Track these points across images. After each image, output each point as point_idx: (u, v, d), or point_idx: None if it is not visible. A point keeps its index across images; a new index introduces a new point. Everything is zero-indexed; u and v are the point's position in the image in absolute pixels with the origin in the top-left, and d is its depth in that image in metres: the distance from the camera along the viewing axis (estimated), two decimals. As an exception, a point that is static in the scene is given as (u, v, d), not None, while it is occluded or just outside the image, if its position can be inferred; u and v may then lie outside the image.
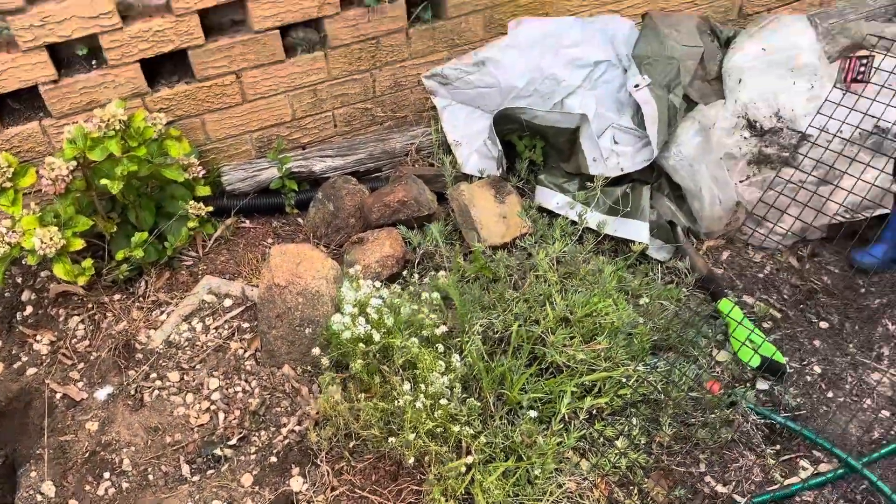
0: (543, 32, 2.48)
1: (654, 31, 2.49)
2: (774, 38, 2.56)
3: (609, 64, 2.50)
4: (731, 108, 2.45)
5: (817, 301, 2.14)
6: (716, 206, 2.30)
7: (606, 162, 2.29)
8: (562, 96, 2.48)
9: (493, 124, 2.30)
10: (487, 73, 2.47)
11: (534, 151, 2.42)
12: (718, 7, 2.94)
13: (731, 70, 2.53)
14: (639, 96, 2.33)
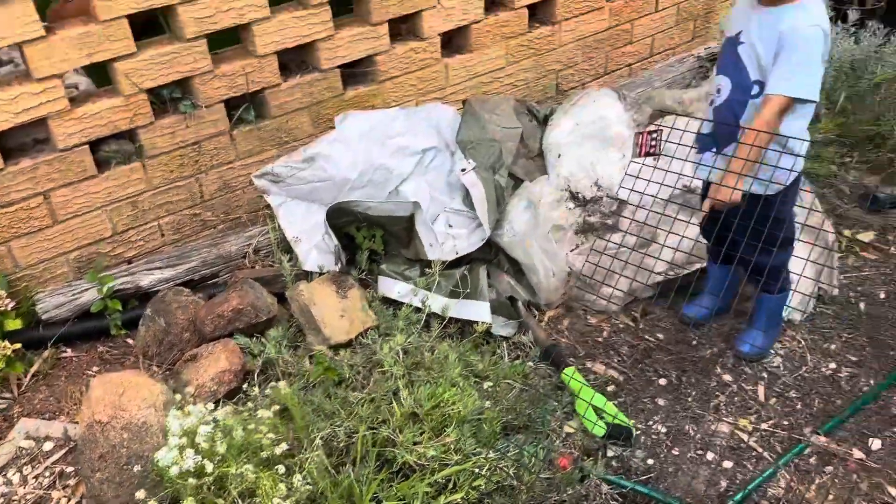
0: (370, 125, 2.51)
1: (474, 117, 2.59)
2: (586, 112, 2.74)
3: (437, 150, 2.57)
4: (555, 181, 2.57)
5: (655, 358, 2.23)
6: (550, 278, 2.37)
7: (443, 246, 2.32)
8: (396, 184, 2.51)
9: (326, 220, 2.28)
10: (319, 167, 2.46)
11: (374, 241, 2.41)
12: (537, 87, 3.12)
13: (551, 146, 2.67)
14: (466, 180, 2.40)
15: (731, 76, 1.86)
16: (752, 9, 1.82)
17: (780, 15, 1.74)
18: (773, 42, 1.74)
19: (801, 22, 1.71)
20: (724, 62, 1.89)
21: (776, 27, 1.73)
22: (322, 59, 2.48)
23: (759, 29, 1.78)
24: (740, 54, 1.82)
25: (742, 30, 1.83)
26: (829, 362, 2.21)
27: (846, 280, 2.49)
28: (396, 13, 2.56)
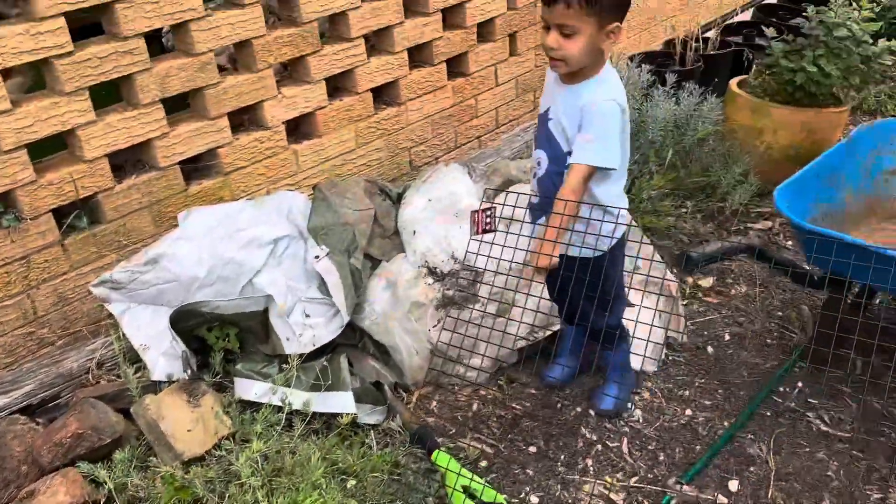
0: (216, 219, 2.45)
1: (325, 202, 2.58)
2: (437, 188, 2.79)
3: (290, 238, 2.52)
4: (412, 259, 2.58)
5: (523, 427, 2.24)
6: (414, 357, 2.36)
7: (300, 338, 2.26)
8: (249, 277, 2.43)
9: (170, 325, 2.17)
10: (163, 269, 2.36)
11: (228, 340, 2.32)
12: (391, 165, 3.16)
13: (406, 224, 2.69)
14: (320, 267, 2.36)
15: (546, 150, 1.97)
16: (556, 86, 1.94)
17: (580, 91, 1.87)
18: (576, 117, 1.86)
19: (598, 97, 1.83)
20: (540, 137, 2.01)
21: (577, 103, 1.85)
22: (159, 157, 2.41)
23: (563, 105, 1.90)
24: (551, 130, 1.94)
25: (550, 106, 1.95)
26: (686, 409, 2.30)
27: (693, 326, 2.62)
28: (235, 106, 2.54)
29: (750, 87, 3.35)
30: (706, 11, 4.72)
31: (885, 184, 2.64)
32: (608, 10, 1.77)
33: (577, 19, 1.75)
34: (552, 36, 1.80)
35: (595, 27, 1.77)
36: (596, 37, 1.78)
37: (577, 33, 1.77)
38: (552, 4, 1.77)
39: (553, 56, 1.82)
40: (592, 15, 1.75)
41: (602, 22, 1.77)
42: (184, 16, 2.30)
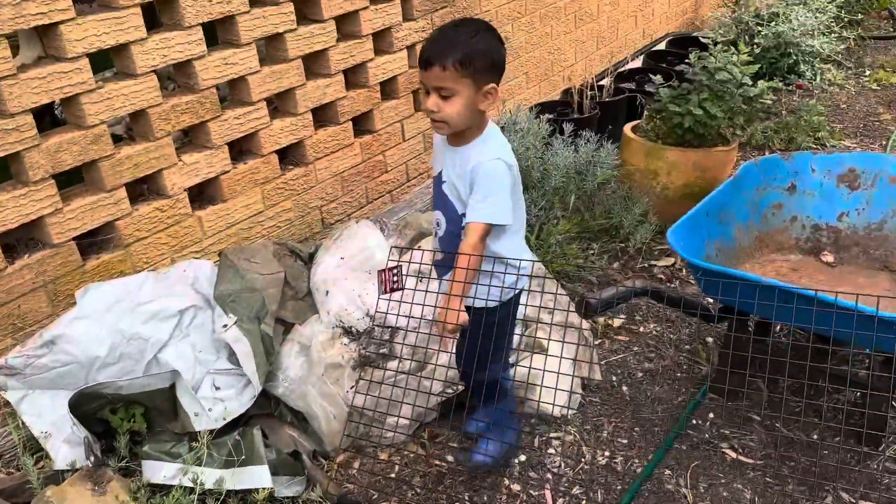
0: (116, 294, 2.36)
1: (231, 268, 2.53)
2: (349, 246, 2.79)
3: (197, 308, 2.46)
4: (326, 319, 2.55)
5: (447, 484, 2.22)
6: (332, 422, 2.31)
7: (210, 413, 2.19)
8: (154, 353, 2.35)
9: (70, 410, 2.06)
10: (62, 350, 2.25)
11: (133, 421, 2.22)
12: (302, 224, 3.13)
13: (318, 284, 2.67)
14: (228, 337, 2.31)
15: (443, 211, 2.03)
16: (445, 149, 2.00)
17: (467, 153, 1.93)
18: (466, 178, 1.91)
19: (484, 157, 1.89)
20: (436, 199, 2.06)
21: (466, 166, 1.91)
22: (52, 234, 2.32)
23: (453, 168, 1.96)
24: (445, 192, 1.99)
25: (442, 169, 2.01)
26: (605, 450, 2.33)
27: (607, 365, 2.68)
28: (133, 176, 2.48)
29: (643, 131, 3.52)
30: (600, 61, 4.95)
31: (773, 217, 2.81)
32: (482, 71, 1.82)
33: (453, 81, 1.80)
34: (431, 99, 1.84)
35: (472, 89, 1.82)
36: (473, 98, 1.84)
37: (454, 95, 1.81)
38: (428, 68, 1.81)
39: (434, 118, 1.87)
40: (468, 77, 1.80)
41: (478, 83, 1.82)
42: (73, 89, 2.25)
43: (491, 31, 1.87)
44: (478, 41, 1.81)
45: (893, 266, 2.69)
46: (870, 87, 5.26)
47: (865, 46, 6.03)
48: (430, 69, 1.81)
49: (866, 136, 4.49)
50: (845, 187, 2.77)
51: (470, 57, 1.79)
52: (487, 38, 1.84)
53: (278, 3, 2.74)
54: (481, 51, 1.81)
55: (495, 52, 1.85)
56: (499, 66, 1.87)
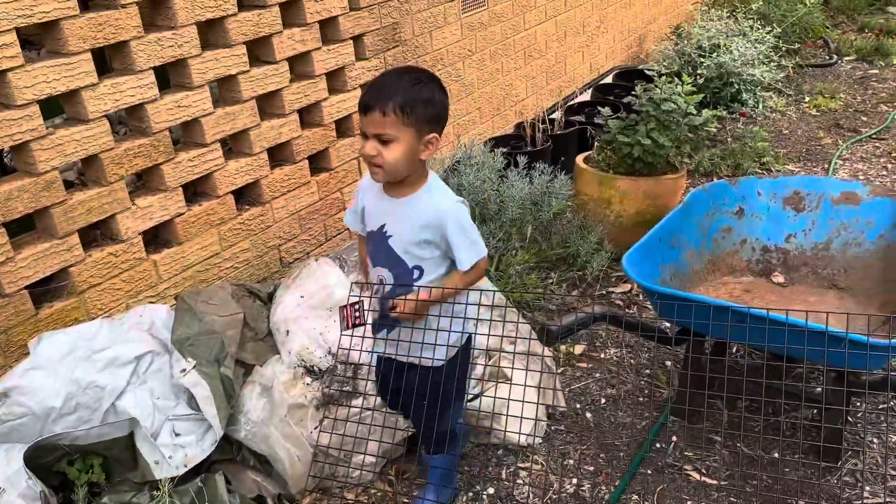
0: (70, 343, 2.31)
1: (189, 311, 2.50)
2: (308, 283, 2.77)
3: (154, 354, 2.41)
4: (287, 360, 2.53)
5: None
6: (296, 464, 2.28)
7: (171, 460, 2.14)
8: (111, 401, 2.29)
9: (25, 464, 2.00)
10: (14, 403, 2.18)
11: (92, 472, 2.16)
12: (260, 264, 3.11)
13: (278, 324, 2.65)
14: (187, 381, 2.27)
15: (388, 268, 1.95)
16: (385, 202, 1.93)
17: (417, 204, 1.88)
18: (423, 229, 1.87)
19: (447, 204, 1.87)
20: (377, 255, 1.96)
21: (422, 217, 1.87)
22: (3, 283, 2.26)
23: (401, 221, 1.90)
24: (392, 247, 1.92)
25: (385, 223, 1.93)
26: (572, 478, 2.34)
27: (570, 393, 2.70)
28: (86, 221, 2.45)
29: (594, 161, 3.61)
30: (550, 95, 5.07)
31: (723, 241, 2.89)
32: (424, 120, 1.79)
33: (393, 128, 1.76)
34: (370, 144, 1.80)
35: (413, 137, 1.78)
36: (414, 146, 1.80)
37: (394, 141, 1.78)
38: (368, 113, 1.77)
39: (373, 163, 1.82)
40: (409, 125, 1.77)
41: (419, 132, 1.79)
42: (24, 136, 2.22)
43: (434, 80, 1.85)
44: (421, 89, 1.79)
45: (841, 284, 2.78)
46: (810, 112, 5.48)
47: (804, 74, 6.29)
48: (370, 114, 1.77)
49: (809, 161, 4.67)
50: (791, 209, 2.87)
51: (412, 105, 1.76)
52: (431, 88, 1.81)
53: (231, 46, 2.76)
54: (424, 99, 1.79)
55: (438, 101, 1.82)
56: (441, 117, 1.85)
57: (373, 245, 1.98)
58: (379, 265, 1.97)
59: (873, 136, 5.00)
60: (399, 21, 3.55)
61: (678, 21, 6.90)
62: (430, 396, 1.95)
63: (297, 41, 3.03)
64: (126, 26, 2.42)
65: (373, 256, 2.00)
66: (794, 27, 6.57)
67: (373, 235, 1.97)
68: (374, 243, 1.97)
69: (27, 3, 2.15)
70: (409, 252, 1.91)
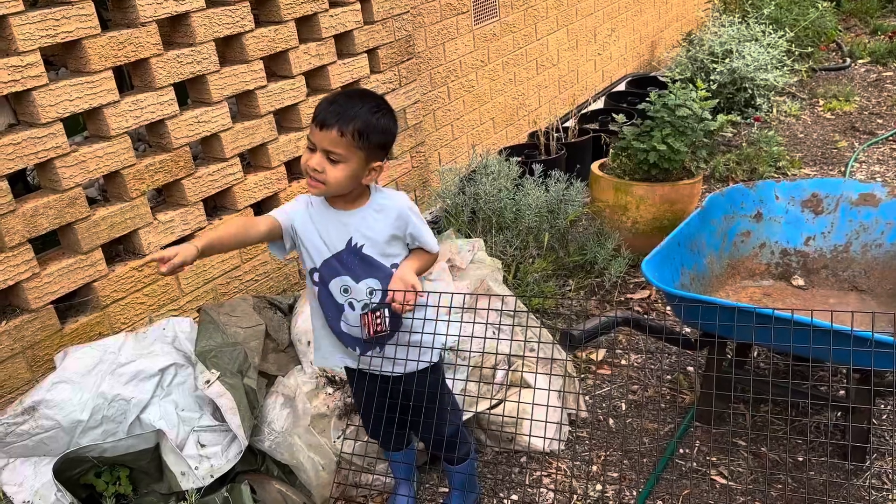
0: (96, 357, 2.33)
1: (212, 324, 2.52)
2: (328, 295, 2.79)
3: (177, 366, 2.43)
4: (309, 370, 2.55)
5: (439, 529, 2.20)
6: (321, 472, 2.29)
7: (197, 471, 2.16)
8: (136, 413, 2.31)
9: (54, 476, 2.02)
10: (43, 417, 2.21)
11: (119, 484, 2.18)
12: (279, 276, 3.14)
13: (299, 335, 2.67)
14: (211, 392, 2.29)
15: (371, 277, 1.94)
16: (337, 217, 1.92)
17: (375, 207, 1.92)
18: (390, 227, 1.92)
19: (401, 202, 1.93)
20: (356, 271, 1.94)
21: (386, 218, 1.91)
22: (30, 299, 2.30)
23: (366, 229, 1.92)
24: (370, 255, 1.93)
25: (350, 237, 1.92)
26: (595, 484, 2.33)
27: (591, 400, 2.70)
28: (109, 237, 2.48)
29: (610, 168, 3.61)
30: (563, 104, 5.09)
31: (742, 244, 2.88)
32: (375, 148, 1.82)
33: (346, 149, 1.78)
34: (317, 158, 1.80)
35: (361, 161, 1.81)
36: (360, 170, 1.83)
37: (342, 162, 1.80)
38: (324, 129, 1.78)
39: (315, 177, 1.82)
40: (362, 149, 1.80)
41: (368, 158, 1.82)
42: (48, 154, 2.26)
43: (391, 111, 1.87)
44: (379, 119, 1.82)
45: (861, 286, 2.77)
46: (824, 116, 5.46)
47: (817, 78, 6.28)
48: (325, 130, 1.78)
49: (825, 164, 4.65)
50: (810, 212, 2.86)
51: (369, 131, 1.79)
52: (387, 118, 1.85)
53: (248, 62, 2.80)
54: (380, 128, 1.82)
55: (390, 133, 1.86)
56: (389, 146, 1.89)
57: (343, 265, 1.94)
58: (358, 280, 1.94)
59: (890, 139, 4.97)
60: (412, 34, 3.58)
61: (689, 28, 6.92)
62: (428, 397, 2.00)
63: (312, 55, 3.07)
64: (146, 44, 2.46)
65: (351, 273, 1.95)
66: (807, 31, 6.56)
67: (339, 256, 1.94)
68: (343, 262, 1.94)
69: (51, 24, 2.20)
70: (384, 253, 1.94)
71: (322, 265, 1.95)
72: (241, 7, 2.73)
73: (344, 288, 1.95)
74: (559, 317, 3.11)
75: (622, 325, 2.30)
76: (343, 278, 1.95)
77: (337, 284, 1.95)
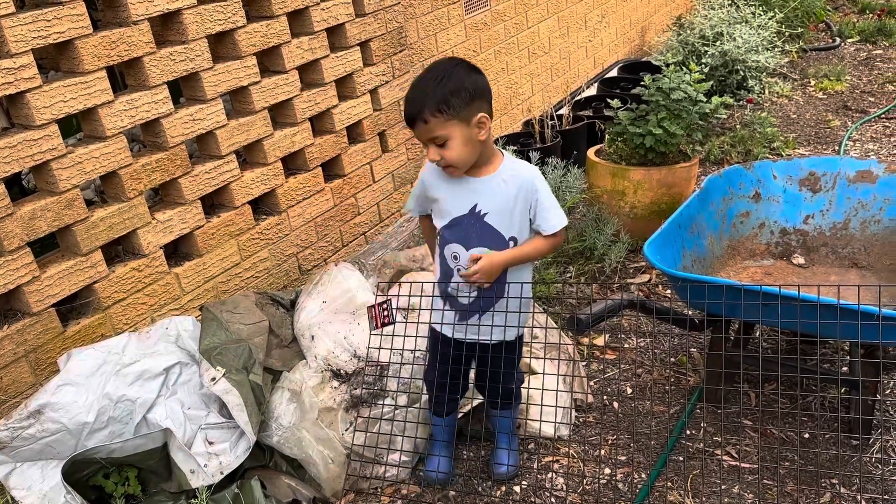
0: (100, 358, 2.32)
1: (215, 321, 2.52)
2: (330, 289, 2.78)
3: (182, 364, 2.43)
4: (314, 364, 2.54)
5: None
6: (330, 466, 2.29)
7: (206, 468, 2.15)
8: (142, 413, 2.31)
9: (63, 479, 2.02)
10: (48, 420, 2.20)
11: (128, 484, 2.18)
12: (279, 272, 3.13)
13: (303, 330, 2.66)
14: (217, 389, 2.28)
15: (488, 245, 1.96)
16: (469, 184, 1.95)
17: (504, 175, 1.93)
18: (517, 197, 1.93)
19: (530, 172, 1.93)
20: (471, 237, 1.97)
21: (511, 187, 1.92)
22: (31, 302, 2.29)
23: (493, 196, 1.93)
24: (490, 223, 1.95)
25: (476, 203, 1.95)
26: (604, 468, 2.34)
27: (596, 385, 2.70)
28: (108, 238, 2.47)
29: (606, 154, 3.61)
30: (556, 91, 5.08)
31: (742, 225, 2.89)
32: (464, 107, 1.81)
33: (440, 129, 1.81)
34: (432, 150, 1.87)
35: (461, 127, 1.81)
36: (468, 134, 1.83)
37: (448, 140, 1.83)
38: (413, 126, 1.85)
39: (441, 165, 1.89)
40: (451, 118, 1.80)
41: (466, 120, 1.82)
42: (44, 156, 2.25)
43: (461, 64, 1.86)
44: (446, 83, 1.80)
45: (861, 263, 2.78)
46: (816, 96, 5.47)
47: (808, 58, 6.28)
48: (415, 126, 1.84)
49: (819, 143, 4.65)
50: (808, 191, 2.87)
51: (444, 101, 1.79)
52: (457, 75, 1.81)
53: (241, 58, 2.79)
54: (453, 90, 1.80)
55: (470, 84, 1.82)
56: (477, 95, 1.84)
57: (461, 229, 1.98)
58: (473, 246, 1.97)
59: (882, 116, 4.98)
60: (404, 25, 3.57)
61: (679, 12, 6.91)
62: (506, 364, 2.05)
63: (305, 50, 3.05)
64: (138, 42, 2.44)
65: (462, 240, 1.98)
66: (796, 12, 6.57)
67: (460, 220, 1.97)
68: (463, 227, 1.98)
69: (42, 25, 2.18)
70: (506, 224, 1.95)
71: (443, 228, 2.02)
72: (233, 3, 2.72)
73: (454, 255, 2.01)
74: (561, 303, 3.11)
75: (628, 307, 2.31)
76: (454, 245, 2.00)
77: (449, 251, 2.02)
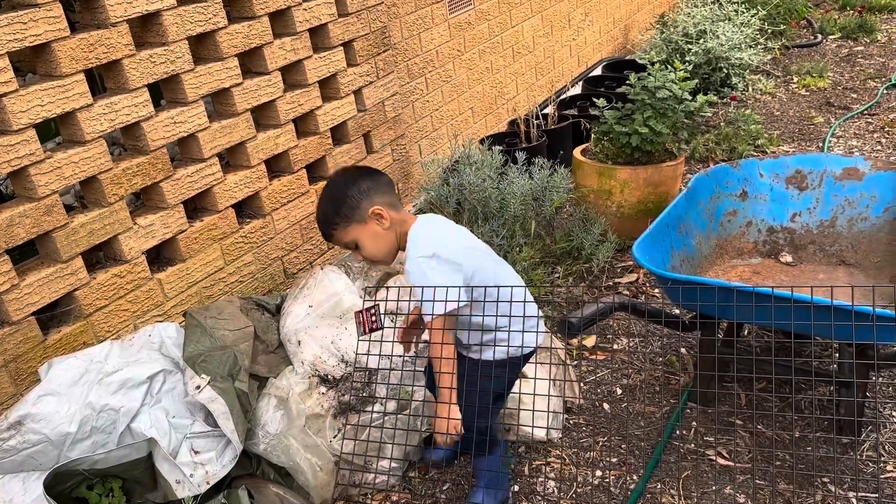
0: (81, 367, 2.27)
1: (199, 327, 2.47)
2: (316, 293, 2.75)
3: (166, 372, 2.38)
4: (301, 370, 2.51)
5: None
6: (318, 474, 2.26)
7: (192, 478, 2.11)
8: (126, 423, 2.26)
9: (45, 491, 1.97)
10: (29, 431, 2.15)
11: (112, 496, 2.13)
12: (264, 276, 3.09)
13: (289, 335, 2.62)
14: (202, 398, 2.24)
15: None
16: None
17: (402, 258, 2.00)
18: None
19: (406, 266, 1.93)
20: None
21: None
22: (10, 311, 2.23)
23: None
24: None
25: None
26: (595, 470, 2.33)
27: (586, 386, 2.69)
28: (89, 244, 2.42)
29: (592, 153, 3.60)
30: (541, 90, 5.07)
31: (729, 224, 2.88)
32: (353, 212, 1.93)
33: (346, 237, 1.97)
34: (353, 253, 2.02)
35: (360, 227, 1.95)
36: (371, 231, 1.95)
37: (357, 241, 1.97)
38: (329, 242, 2.06)
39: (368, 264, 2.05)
40: (348, 226, 1.95)
41: (360, 222, 1.95)
42: (22, 161, 2.19)
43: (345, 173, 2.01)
44: (332, 197, 1.97)
45: (849, 260, 2.78)
46: (799, 93, 5.49)
47: (790, 55, 6.31)
48: (330, 241, 2.05)
49: (803, 140, 4.67)
50: (794, 189, 2.87)
51: (335, 214, 1.95)
52: (338, 186, 1.97)
53: (223, 59, 2.74)
54: (334, 207, 1.95)
55: (353, 190, 1.94)
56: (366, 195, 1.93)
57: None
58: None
59: (864, 112, 5.01)
60: (387, 25, 3.53)
61: (662, 10, 6.92)
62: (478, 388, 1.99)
63: (288, 50, 3.01)
64: (117, 45, 2.39)
65: None
66: (778, 9, 6.60)
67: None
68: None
69: (18, 28, 2.13)
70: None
71: None
72: (213, 4, 2.67)
73: None
74: (550, 305, 3.09)
75: (619, 309, 2.29)
76: None
77: None
